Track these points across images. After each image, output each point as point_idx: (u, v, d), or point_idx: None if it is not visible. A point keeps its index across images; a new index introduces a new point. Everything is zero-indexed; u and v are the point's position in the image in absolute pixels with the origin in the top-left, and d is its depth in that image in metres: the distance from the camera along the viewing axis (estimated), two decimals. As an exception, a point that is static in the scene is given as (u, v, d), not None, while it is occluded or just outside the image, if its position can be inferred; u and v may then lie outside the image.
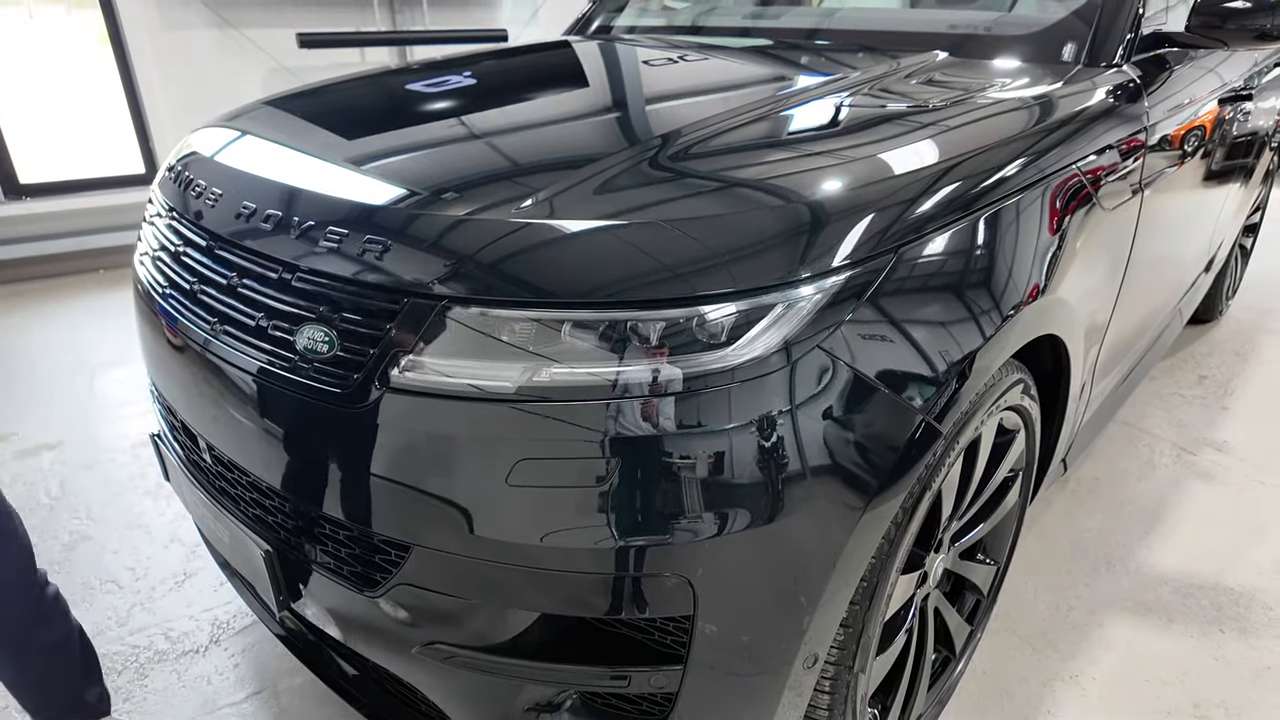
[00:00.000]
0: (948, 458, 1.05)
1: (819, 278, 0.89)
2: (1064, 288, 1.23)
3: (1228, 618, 1.69)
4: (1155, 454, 2.28)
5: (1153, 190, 1.53)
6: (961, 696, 1.48)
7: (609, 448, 0.84)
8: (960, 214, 1.03)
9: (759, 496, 0.86)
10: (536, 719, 0.96)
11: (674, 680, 0.90)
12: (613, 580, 0.86)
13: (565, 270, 0.88)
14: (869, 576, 0.98)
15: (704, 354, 0.85)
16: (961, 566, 1.41)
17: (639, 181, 1.00)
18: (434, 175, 1.09)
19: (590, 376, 0.85)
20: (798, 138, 1.14)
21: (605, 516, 0.85)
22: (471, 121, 1.35)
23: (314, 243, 0.98)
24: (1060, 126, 1.27)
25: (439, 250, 0.92)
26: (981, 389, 1.08)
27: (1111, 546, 1.90)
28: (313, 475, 0.97)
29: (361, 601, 1.00)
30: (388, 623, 0.98)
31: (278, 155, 1.21)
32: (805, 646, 0.93)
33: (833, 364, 0.88)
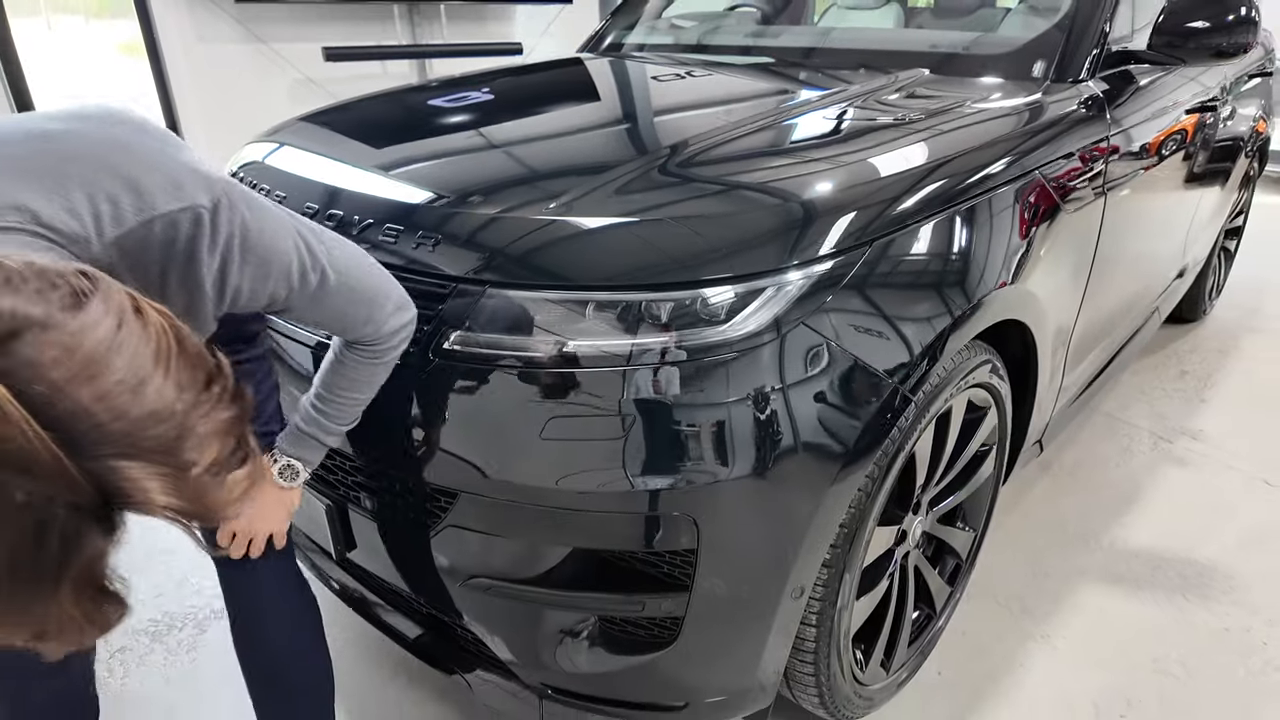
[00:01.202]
0: (919, 424, 1.20)
1: (804, 265, 1.05)
2: (1028, 280, 1.38)
3: (1192, 587, 1.84)
4: (1134, 442, 2.43)
5: (1117, 193, 1.68)
6: (942, 650, 1.63)
7: (625, 408, 1.01)
8: (931, 212, 1.19)
9: (753, 449, 1.02)
10: (561, 641, 1.12)
11: (681, 605, 1.07)
12: (631, 518, 1.03)
13: (588, 259, 1.05)
14: (849, 524, 1.14)
15: (705, 329, 1.01)
16: (941, 531, 1.57)
17: (650, 185, 1.17)
18: (472, 180, 1.26)
19: (610, 348, 1.01)
20: (788, 146, 1.31)
21: (624, 465, 1.01)
22: (500, 133, 1.52)
23: (373, 238, 1.15)
24: (1026, 135, 1.43)
25: (481, 243, 1.09)
26: (949, 365, 1.23)
27: (1088, 524, 2.05)
28: (374, 437, 1.14)
29: (413, 546, 1.17)
30: (436, 562, 1.14)
31: (331, 164, 1.38)
32: (792, 579, 1.09)
33: (816, 339, 1.04)
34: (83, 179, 0.69)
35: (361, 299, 0.93)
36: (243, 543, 1.08)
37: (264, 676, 1.19)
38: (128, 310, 0.56)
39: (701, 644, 1.11)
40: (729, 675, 1.16)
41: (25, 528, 0.49)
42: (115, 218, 0.70)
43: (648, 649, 1.11)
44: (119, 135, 0.73)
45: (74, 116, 0.73)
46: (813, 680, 1.25)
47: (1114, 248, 1.76)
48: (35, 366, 0.50)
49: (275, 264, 0.81)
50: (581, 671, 1.14)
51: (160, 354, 0.56)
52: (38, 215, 0.66)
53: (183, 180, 0.73)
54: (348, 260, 0.91)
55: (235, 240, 0.77)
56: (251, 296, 0.81)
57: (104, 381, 0.52)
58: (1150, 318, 2.49)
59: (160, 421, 0.55)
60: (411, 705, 1.54)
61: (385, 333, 0.97)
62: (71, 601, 0.53)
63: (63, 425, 0.50)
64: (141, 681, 1.60)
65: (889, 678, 1.47)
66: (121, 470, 0.53)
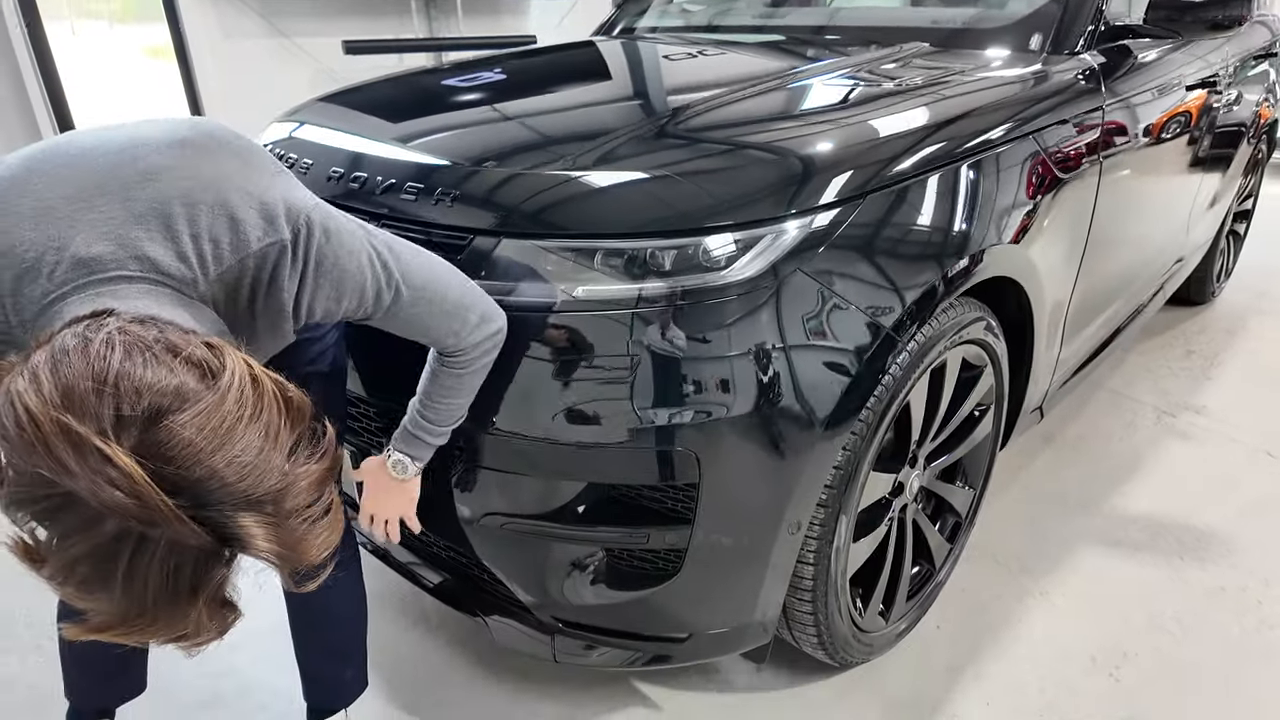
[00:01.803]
0: (912, 374, 1.26)
1: (800, 216, 1.11)
2: (1021, 241, 1.43)
3: (1189, 550, 1.88)
4: (1137, 416, 2.46)
5: (1113, 165, 1.73)
6: (942, 605, 1.68)
7: (630, 350, 1.07)
8: (925, 170, 1.25)
9: (750, 389, 1.08)
10: (570, 575, 1.19)
11: (683, 538, 1.13)
12: (637, 453, 1.09)
13: (595, 211, 1.12)
14: (844, 466, 1.20)
15: (706, 275, 1.08)
16: (940, 488, 1.62)
17: (654, 143, 1.23)
18: (485, 145, 1.33)
19: (616, 294, 1.08)
20: (786, 108, 1.37)
21: (630, 404, 1.08)
22: (511, 105, 1.59)
23: (395, 196, 1.22)
24: (1020, 102, 1.48)
25: (494, 199, 1.16)
26: (943, 318, 1.29)
27: (1088, 493, 2.09)
28: (395, 381, 1.21)
29: (433, 487, 1.24)
30: (454, 502, 1.21)
31: (350, 136, 1.46)
32: (789, 514, 1.15)
33: (811, 285, 1.11)
34: (190, 220, 0.76)
35: (440, 312, 0.97)
36: (380, 526, 1.18)
37: (302, 600, 1.26)
38: (248, 381, 0.65)
39: (703, 577, 1.17)
40: (730, 609, 1.22)
41: (165, 568, 0.62)
42: (216, 257, 0.78)
43: (652, 582, 1.18)
44: (219, 166, 0.79)
45: (175, 145, 0.78)
46: (811, 619, 1.31)
47: (1110, 220, 1.80)
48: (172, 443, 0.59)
49: (348, 285, 0.87)
50: (590, 604, 1.21)
51: (274, 418, 0.65)
52: (157, 264, 0.74)
53: (275, 211, 0.80)
54: (426, 276, 0.95)
55: (311, 266, 0.83)
56: (326, 314, 0.88)
57: (230, 450, 0.62)
58: (1154, 297, 2.52)
59: (271, 477, 0.64)
60: (430, 651, 1.61)
61: (469, 344, 1.01)
62: (205, 615, 0.66)
63: (191, 487, 0.60)
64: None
65: (888, 627, 1.52)
66: (237, 520, 0.63)
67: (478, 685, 1.53)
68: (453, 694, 1.51)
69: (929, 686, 1.52)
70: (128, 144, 0.78)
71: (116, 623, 0.63)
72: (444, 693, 1.52)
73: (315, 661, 1.32)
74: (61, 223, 0.73)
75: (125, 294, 0.72)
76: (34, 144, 0.80)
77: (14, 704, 1.51)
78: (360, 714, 1.41)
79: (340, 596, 1.29)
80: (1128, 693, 1.50)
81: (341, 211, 0.89)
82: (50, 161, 0.77)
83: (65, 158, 0.77)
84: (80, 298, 0.71)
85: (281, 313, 0.84)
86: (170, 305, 0.74)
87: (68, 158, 0.77)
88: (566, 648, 1.26)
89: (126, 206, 0.74)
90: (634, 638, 1.24)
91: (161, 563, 0.61)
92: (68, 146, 0.79)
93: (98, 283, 0.72)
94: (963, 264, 1.27)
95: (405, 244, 0.96)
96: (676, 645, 1.24)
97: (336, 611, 1.30)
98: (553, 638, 1.26)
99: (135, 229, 0.73)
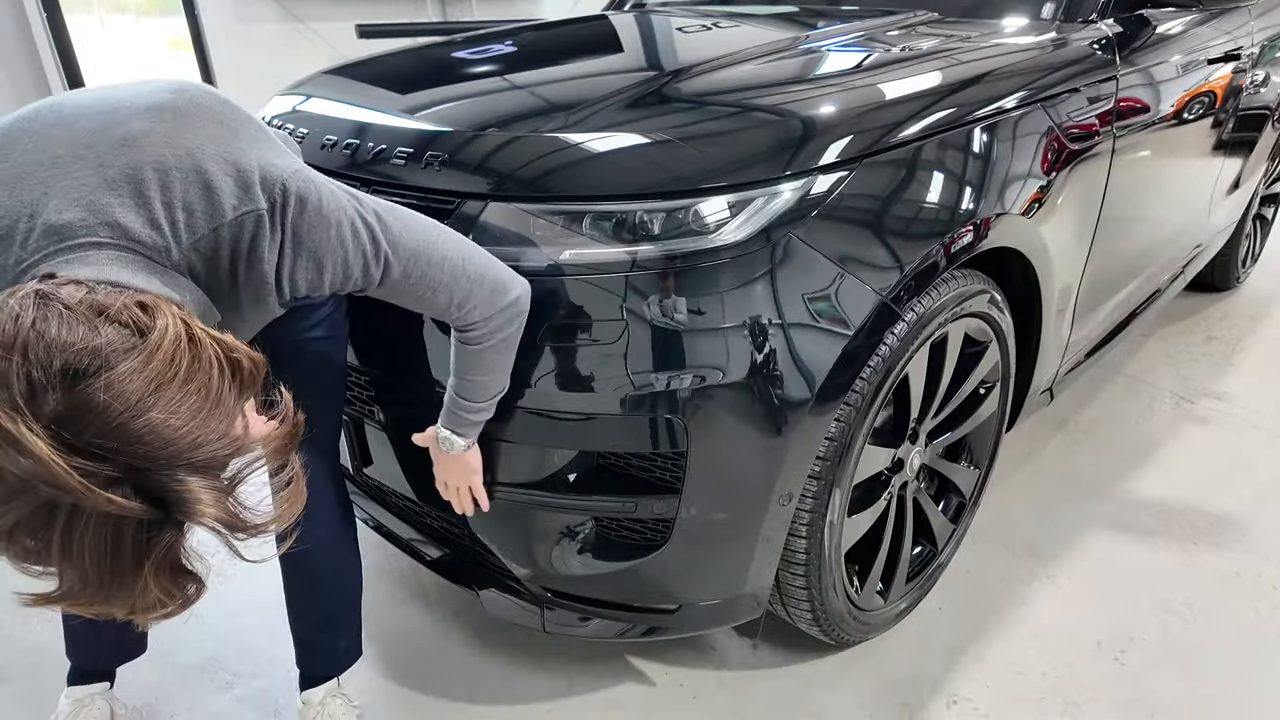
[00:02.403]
0: (910, 345, 1.23)
1: (792, 179, 1.09)
2: (1027, 212, 1.39)
3: (1203, 535, 1.83)
4: (1155, 401, 2.40)
5: (1127, 139, 1.68)
6: (945, 587, 1.66)
7: (619, 314, 1.06)
8: (924, 136, 1.22)
9: (738, 356, 1.06)
10: (559, 544, 1.18)
11: (671, 507, 1.11)
12: (623, 421, 1.08)
13: (583, 174, 1.10)
14: (838, 438, 1.17)
15: (696, 238, 1.06)
16: (944, 467, 1.59)
17: (645, 105, 1.21)
18: (481, 111, 1.31)
19: (603, 257, 1.06)
20: (782, 72, 1.34)
21: (616, 370, 1.06)
22: (511, 72, 1.57)
23: (386, 162, 1.22)
24: (1028, 70, 1.43)
25: (482, 162, 1.14)
26: (942, 288, 1.26)
27: (1101, 477, 2.05)
28: (384, 347, 1.21)
29: (423, 456, 1.23)
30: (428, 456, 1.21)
31: (345, 105, 1.45)
32: (779, 485, 1.13)
33: (804, 250, 1.08)
34: (163, 187, 0.74)
35: (438, 283, 0.93)
36: (452, 494, 1.17)
37: (297, 563, 1.27)
38: (183, 341, 0.63)
39: (691, 547, 1.15)
40: (720, 581, 1.20)
41: (103, 539, 0.60)
42: (190, 225, 0.76)
43: (641, 552, 1.16)
44: (197, 132, 0.77)
45: (155, 110, 0.77)
46: (805, 595, 1.29)
47: (1124, 198, 1.75)
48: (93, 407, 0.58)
49: (328, 257, 0.84)
50: (578, 574, 1.20)
51: (214, 381, 0.63)
52: (127, 231, 0.72)
53: (250, 179, 0.78)
54: (418, 245, 0.91)
55: (289, 236, 0.81)
56: (311, 287, 0.85)
57: (158, 413, 0.59)
58: (1173, 281, 2.46)
59: (213, 441, 0.62)
60: (428, 624, 1.61)
61: (479, 318, 0.98)
62: (154, 584, 0.64)
63: (119, 453, 0.58)
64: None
65: (886, 606, 1.50)
66: (182, 484, 0.61)
67: (473, 658, 1.53)
68: (448, 665, 1.51)
69: (929, 667, 1.49)
70: (111, 108, 0.77)
71: (67, 593, 0.62)
72: (439, 664, 1.52)
73: (308, 629, 1.32)
74: (36, 189, 0.72)
75: (95, 260, 0.70)
76: (28, 105, 0.80)
77: (19, 663, 1.53)
78: (354, 683, 1.41)
79: (334, 567, 1.29)
80: (1133, 676, 1.47)
81: (329, 179, 0.87)
82: (36, 123, 0.77)
83: (51, 120, 0.76)
84: (50, 265, 0.70)
85: (264, 285, 0.82)
86: (142, 273, 0.72)
87: (55, 120, 0.76)
88: (557, 619, 1.25)
89: (100, 172, 0.73)
90: (624, 609, 1.23)
91: (99, 531, 0.59)
92: (58, 109, 0.78)
93: (68, 249, 0.70)
94: (963, 234, 1.24)
95: (401, 212, 0.92)
96: (667, 617, 1.23)
97: (330, 581, 1.30)
98: (543, 609, 1.26)
99: (107, 195, 0.72)
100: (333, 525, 1.26)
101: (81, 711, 1.32)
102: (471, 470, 1.14)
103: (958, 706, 1.41)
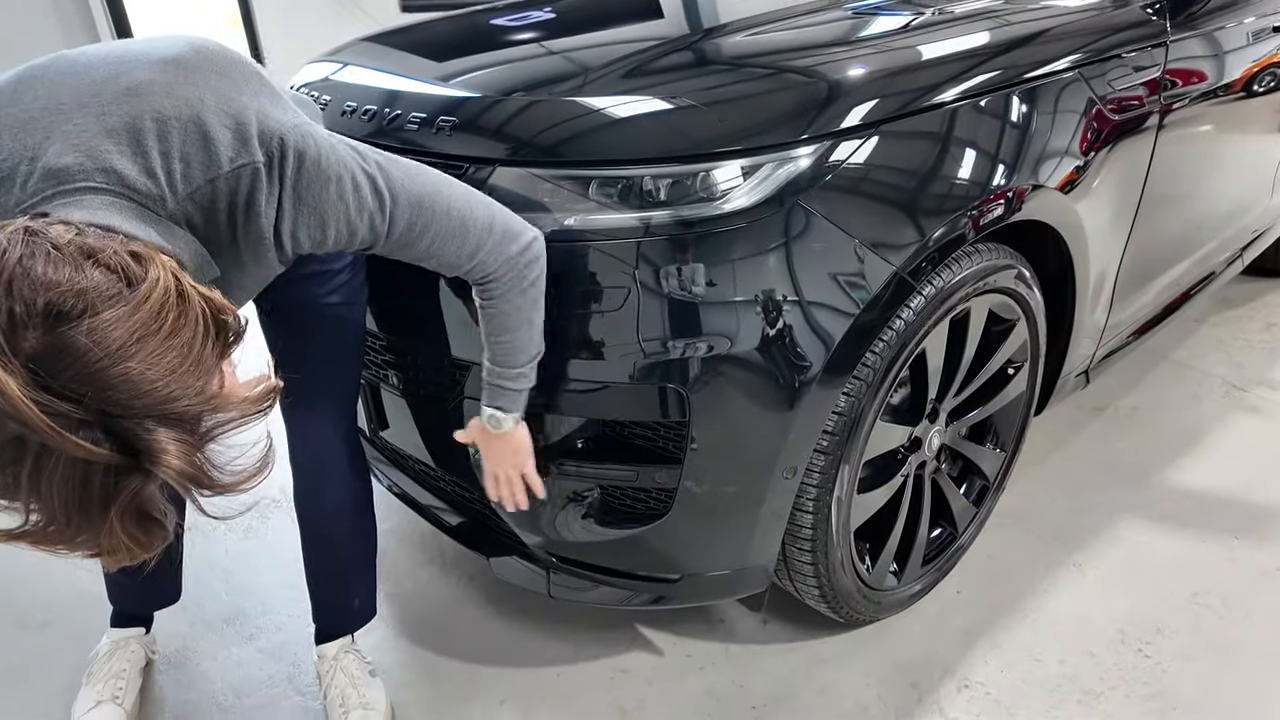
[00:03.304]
0: (928, 320, 1.20)
1: (801, 144, 1.06)
2: (1060, 185, 1.33)
3: (1245, 528, 1.75)
4: (1203, 389, 2.30)
5: (1177, 110, 1.59)
6: (964, 571, 1.62)
7: (622, 282, 1.05)
8: (947, 103, 1.17)
9: (743, 326, 1.05)
10: (565, 510, 1.19)
11: (673, 478, 1.11)
12: (624, 389, 1.07)
13: (590, 137, 1.09)
14: (847, 412, 1.15)
15: (702, 205, 1.04)
16: (967, 448, 1.55)
17: (654, 68, 1.19)
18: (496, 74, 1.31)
19: (611, 222, 1.05)
20: (799, 35, 1.30)
21: (618, 336, 1.06)
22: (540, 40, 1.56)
23: (400, 127, 1.22)
24: (1065, 33, 1.37)
25: (493, 126, 1.14)
26: (964, 262, 1.21)
27: (1139, 465, 1.97)
28: (402, 312, 1.23)
29: (434, 419, 1.25)
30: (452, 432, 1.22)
31: (368, 71, 1.46)
32: (784, 458, 1.11)
33: (815, 218, 1.06)
34: (160, 137, 0.75)
35: (446, 232, 0.91)
36: (505, 488, 1.13)
37: (312, 523, 1.31)
38: (172, 294, 0.63)
39: (694, 518, 1.15)
40: (723, 552, 1.20)
41: (71, 479, 0.61)
42: (186, 176, 0.76)
43: (643, 520, 1.17)
44: (201, 85, 0.77)
45: (162, 63, 0.78)
46: (811, 570, 1.27)
47: (1172, 174, 1.67)
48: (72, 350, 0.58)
49: (330, 213, 0.83)
50: (582, 540, 1.20)
51: (197, 338, 0.63)
52: (123, 178, 0.73)
53: (249, 132, 0.78)
54: (421, 193, 0.89)
55: (288, 191, 0.80)
56: (315, 244, 0.85)
57: (137, 363, 0.60)
58: (1230, 265, 2.34)
59: (188, 396, 0.62)
60: (444, 587, 1.64)
61: (493, 268, 0.96)
62: (120, 528, 0.65)
63: (92, 398, 0.59)
64: (208, 553, 1.76)
65: (900, 587, 1.47)
66: (152, 434, 0.61)
67: (486, 621, 1.56)
68: (461, 628, 1.54)
69: (942, 650, 1.47)
70: (121, 59, 0.79)
71: (35, 530, 0.63)
72: (453, 626, 1.55)
73: (323, 587, 1.36)
74: (39, 134, 0.74)
75: (90, 204, 0.72)
76: (50, 54, 0.81)
77: (65, 606, 1.61)
78: (368, 640, 1.45)
79: (348, 528, 1.32)
80: (1156, 668, 1.42)
81: (332, 134, 0.86)
82: (50, 71, 0.79)
83: (64, 69, 0.78)
84: (47, 207, 0.72)
85: (263, 241, 0.82)
86: (136, 220, 0.73)
87: (68, 68, 0.78)
88: (562, 584, 1.27)
89: (101, 120, 0.74)
90: (628, 577, 1.24)
91: (67, 471, 0.60)
92: (73, 59, 0.80)
93: (65, 193, 0.72)
94: (986, 206, 1.20)
95: (404, 162, 0.91)
96: (670, 586, 1.23)
97: (344, 542, 1.33)
98: (549, 573, 1.27)
99: (105, 142, 0.73)
100: (347, 487, 1.29)
101: (118, 651, 1.39)
102: (523, 451, 1.10)
103: (969, 691, 1.39)
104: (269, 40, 4.18)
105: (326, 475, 1.27)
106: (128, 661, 1.37)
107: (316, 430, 1.22)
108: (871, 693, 1.39)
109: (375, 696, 1.34)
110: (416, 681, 1.44)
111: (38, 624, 1.59)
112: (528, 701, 1.40)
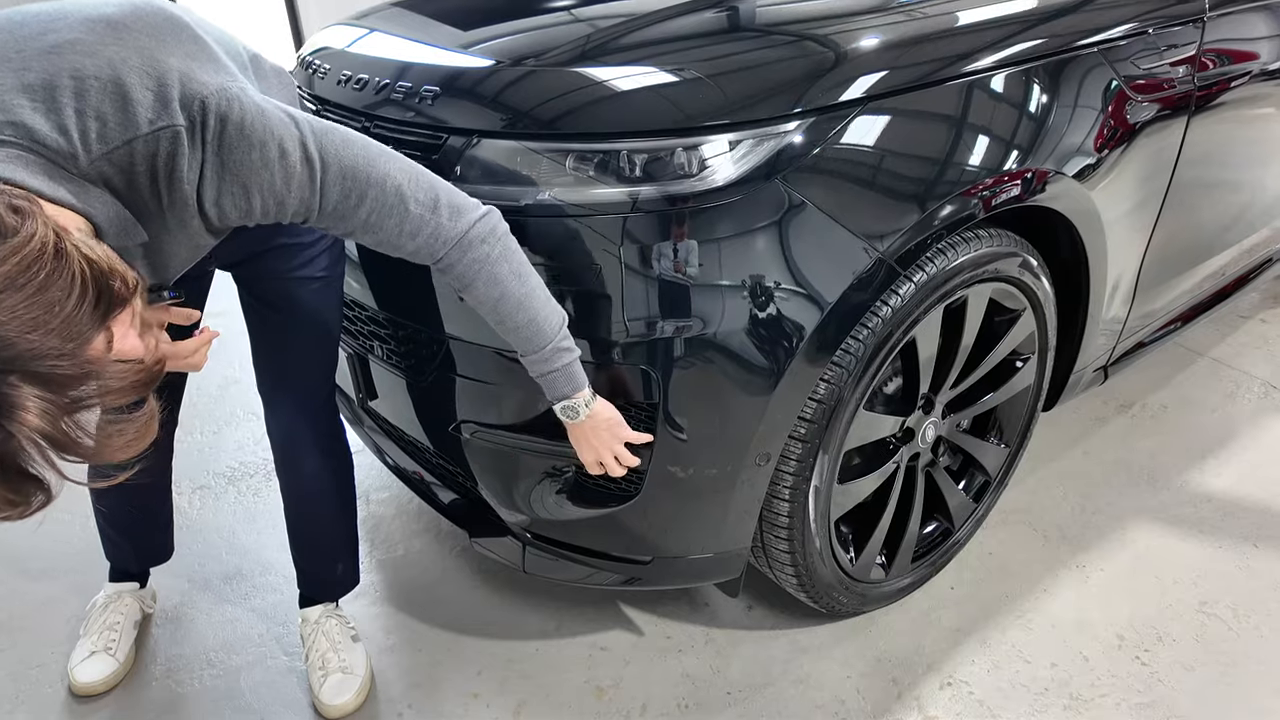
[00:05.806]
0: (918, 307, 1.15)
1: (784, 120, 1.02)
2: (1074, 172, 1.27)
3: (1265, 536, 1.67)
4: (1239, 389, 2.19)
5: (1211, 92, 1.49)
6: (961, 567, 1.58)
7: (594, 259, 1.03)
8: (940, 80, 1.11)
9: (715, 307, 1.02)
10: (539, 486, 1.18)
11: (644, 459, 1.09)
12: (593, 368, 1.05)
13: (569, 110, 1.07)
14: (825, 399, 1.12)
15: (679, 181, 1.01)
16: (967, 442, 1.50)
17: (638, 41, 1.16)
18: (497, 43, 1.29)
19: (587, 196, 1.03)
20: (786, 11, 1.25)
21: (586, 314, 1.04)
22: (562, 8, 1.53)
23: (385, 97, 1.22)
24: (1079, 6, 1.29)
25: (474, 97, 1.13)
26: (959, 248, 1.16)
27: (1160, 466, 1.89)
28: (375, 286, 1.23)
29: (413, 392, 1.25)
30: (430, 408, 1.23)
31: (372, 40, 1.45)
32: (755, 445, 1.09)
33: (794, 198, 1.02)
34: (77, 94, 0.73)
35: (387, 208, 0.87)
36: (611, 466, 1.07)
37: (293, 494, 1.33)
38: (49, 251, 0.61)
39: (664, 501, 1.14)
40: (694, 537, 1.18)
41: None
42: (101, 136, 0.75)
43: (614, 501, 1.16)
44: (128, 45, 0.76)
45: (93, 21, 0.76)
46: (789, 559, 1.25)
47: (1205, 162, 1.56)
48: None
49: (255, 181, 0.80)
50: (554, 518, 1.20)
51: (69, 298, 0.61)
52: (32, 132, 0.72)
53: (170, 94, 0.76)
54: (359, 163, 0.85)
55: (210, 156, 0.78)
56: (242, 214, 0.82)
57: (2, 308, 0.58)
58: (1274, 260, 2.21)
59: (52, 355, 0.60)
60: (435, 558, 1.66)
61: (442, 246, 0.91)
62: None
63: None
64: (214, 513, 1.81)
65: (887, 580, 1.44)
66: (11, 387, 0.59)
67: (471, 593, 1.57)
68: (446, 597, 1.56)
69: (930, 646, 1.44)
70: (54, 17, 0.78)
71: None
72: (438, 596, 1.57)
73: (305, 556, 1.38)
74: None
75: None
76: None
77: (73, 559, 1.68)
78: (353, 606, 1.48)
79: (326, 499, 1.33)
80: (1152, 677, 1.37)
81: (268, 99, 0.83)
82: None
83: (1, 24, 0.78)
84: None
85: (188, 207, 0.80)
86: (42, 175, 0.72)
87: (4, 24, 0.78)
88: (535, 559, 1.27)
89: (20, 76, 0.74)
90: (600, 556, 1.23)
91: None
92: (12, 14, 0.78)
93: None
94: (979, 187, 1.14)
95: (343, 130, 0.87)
96: (641, 568, 1.22)
97: (323, 513, 1.34)
98: (524, 548, 1.27)
99: (19, 97, 0.73)
100: (325, 460, 1.30)
101: (112, 605, 1.44)
102: (614, 422, 1.05)
103: (951, 689, 1.36)
104: (306, 11, 4.21)
105: (304, 448, 1.28)
106: (122, 615, 1.42)
107: (292, 404, 1.24)
108: (850, 685, 1.37)
109: (355, 660, 1.36)
110: (399, 647, 1.47)
111: (38, 574, 1.66)
112: (505, 674, 1.41)
